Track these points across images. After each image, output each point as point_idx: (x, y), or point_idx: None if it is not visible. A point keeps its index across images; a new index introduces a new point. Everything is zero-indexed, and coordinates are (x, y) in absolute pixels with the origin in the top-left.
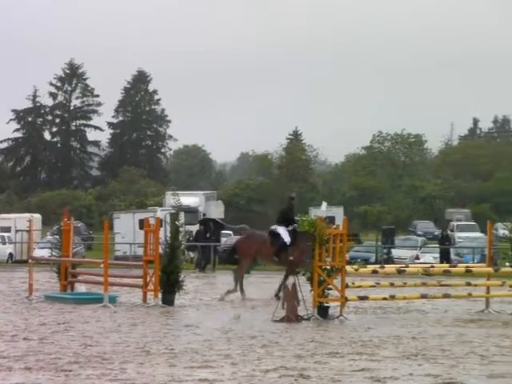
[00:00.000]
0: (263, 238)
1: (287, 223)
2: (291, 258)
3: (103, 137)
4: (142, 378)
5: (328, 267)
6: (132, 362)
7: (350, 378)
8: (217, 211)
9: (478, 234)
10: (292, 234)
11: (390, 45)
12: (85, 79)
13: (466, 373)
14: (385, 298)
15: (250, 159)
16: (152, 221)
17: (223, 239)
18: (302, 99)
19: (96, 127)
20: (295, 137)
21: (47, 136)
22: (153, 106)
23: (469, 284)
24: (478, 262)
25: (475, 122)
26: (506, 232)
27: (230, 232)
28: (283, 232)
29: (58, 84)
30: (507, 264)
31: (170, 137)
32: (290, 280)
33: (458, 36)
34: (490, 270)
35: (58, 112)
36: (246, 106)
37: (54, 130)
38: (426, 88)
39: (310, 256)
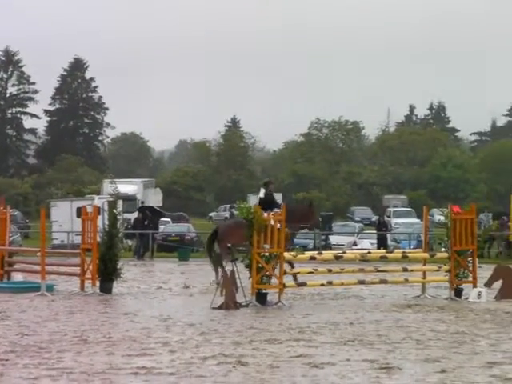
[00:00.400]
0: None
1: (270, 208)
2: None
3: (40, 124)
4: (79, 366)
5: (266, 254)
6: (69, 351)
7: (288, 364)
8: (155, 199)
9: (415, 220)
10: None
11: (326, 32)
12: (21, 66)
13: (402, 357)
14: (322, 284)
15: (188, 147)
16: (90, 209)
17: (161, 227)
18: (239, 87)
19: (32, 115)
20: (233, 124)
21: None
22: (90, 94)
23: (405, 270)
24: (414, 248)
25: (411, 108)
26: (442, 218)
27: (169, 220)
28: None
29: None
30: (443, 249)
31: (108, 124)
32: (229, 267)
33: (392, 24)
34: (426, 255)
35: None
36: (184, 94)
37: None
38: (362, 75)
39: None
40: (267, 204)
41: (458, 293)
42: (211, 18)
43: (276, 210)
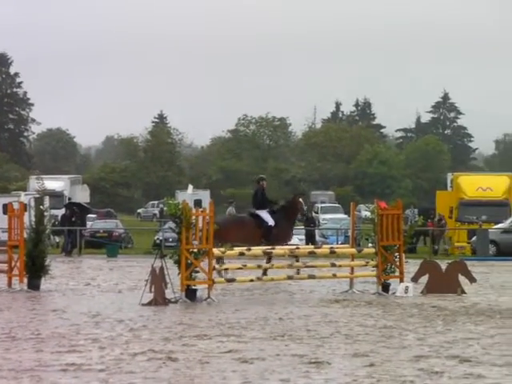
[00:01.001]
0: (247, 221)
1: (264, 206)
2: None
3: None
4: (8, 363)
5: (195, 250)
6: None
7: (218, 359)
8: (82, 195)
9: (342, 216)
10: (273, 215)
11: (251, 29)
12: None
13: (331, 352)
14: (252, 280)
15: (115, 143)
16: (16, 205)
17: (89, 223)
18: (168, 84)
19: None
20: (160, 120)
21: None
22: (14, 89)
23: (333, 265)
24: (341, 243)
25: (337, 105)
26: (368, 214)
27: (95, 216)
28: (265, 215)
29: None
30: (370, 245)
31: (33, 120)
32: (158, 263)
33: (317, 21)
34: (354, 250)
35: None
36: (111, 90)
37: None
38: (287, 72)
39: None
40: (261, 202)
41: (386, 288)
42: (126, 10)
43: (266, 210)
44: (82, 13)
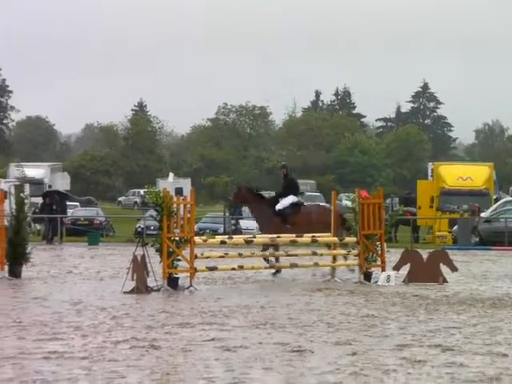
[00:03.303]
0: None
1: (292, 193)
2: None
3: None
4: None
5: (177, 238)
6: None
7: (201, 347)
8: (63, 183)
9: (323, 205)
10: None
11: (225, 18)
12: None
13: (314, 340)
14: (234, 269)
15: (95, 131)
16: None
17: (70, 211)
18: (147, 70)
19: None
20: (140, 108)
21: None
22: None
23: (315, 253)
24: None
25: (317, 94)
26: (349, 203)
27: (77, 204)
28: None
29: None
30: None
31: (12, 108)
32: (140, 251)
33: (293, 9)
34: (335, 239)
35: None
36: (90, 77)
37: None
38: (268, 59)
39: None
40: (288, 188)
41: (368, 276)
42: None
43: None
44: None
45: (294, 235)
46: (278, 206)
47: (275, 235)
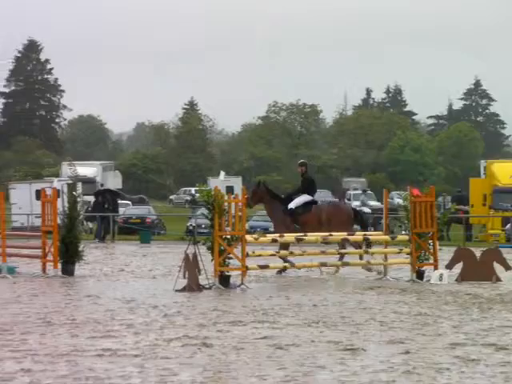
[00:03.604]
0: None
1: (309, 192)
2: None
3: None
4: (43, 348)
5: (228, 236)
6: (33, 333)
7: (253, 345)
8: (114, 181)
9: (375, 203)
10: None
11: (281, 17)
12: None
13: (367, 339)
14: (285, 267)
15: (147, 129)
16: (49, 191)
17: (121, 209)
18: (197, 69)
19: None
20: (191, 107)
21: None
22: (45, 76)
23: (366, 252)
24: (374, 230)
25: (368, 91)
26: (401, 201)
27: (129, 202)
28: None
29: None
30: (403, 232)
31: (65, 107)
32: (191, 250)
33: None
34: (387, 237)
35: None
36: (142, 76)
37: None
38: (319, 58)
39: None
40: (305, 187)
41: (420, 275)
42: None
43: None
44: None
45: (345, 233)
46: (291, 205)
47: (327, 233)
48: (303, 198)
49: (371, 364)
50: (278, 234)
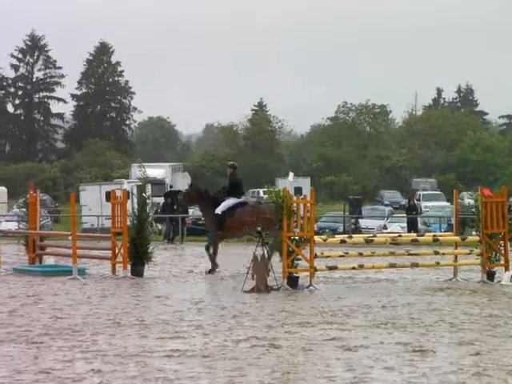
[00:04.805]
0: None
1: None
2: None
3: (67, 109)
4: (113, 349)
5: (296, 237)
6: (103, 334)
7: (321, 347)
8: (183, 183)
9: (444, 203)
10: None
11: (351, 16)
12: (47, 51)
13: (436, 340)
14: (354, 268)
15: (216, 131)
16: (119, 193)
17: (190, 211)
18: (265, 71)
19: (59, 99)
20: (260, 108)
21: (10, 108)
22: (116, 78)
23: (437, 253)
24: (445, 231)
25: (439, 91)
26: (471, 201)
27: None
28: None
29: (20, 56)
30: (474, 233)
31: (135, 109)
32: (259, 251)
33: (420, 4)
34: (458, 238)
35: (20, 84)
36: (210, 78)
37: (17, 102)
38: (389, 58)
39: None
40: (231, 189)
41: (491, 276)
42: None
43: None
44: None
45: (415, 234)
46: (217, 211)
47: (396, 234)
48: (229, 202)
49: (441, 366)
50: (346, 236)
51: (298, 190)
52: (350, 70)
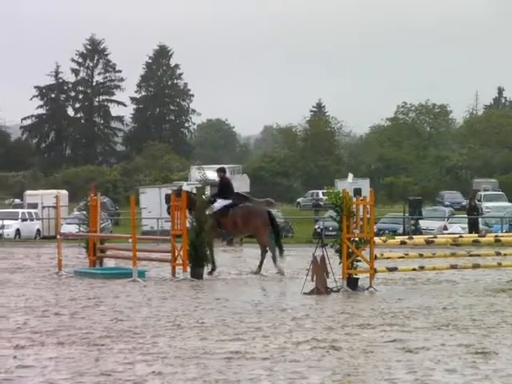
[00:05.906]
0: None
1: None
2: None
3: (126, 112)
4: (173, 351)
5: (356, 239)
6: (163, 336)
7: (382, 348)
8: (242, 185)
9: (506, 204)
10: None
11: (404, 16)
12: (106, 55)
13: (499, 342)
14: (414, 269)
15: (274, 132)
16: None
17: None
18: (323, 72)
19: (119, 102)
20: (319, 109)
21: (70, 112)
22: (175, 81)
23: (498, 254)
24: (506, 232)
25: (500, 90)
26: None
27: None
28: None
29: (80, 60)
30: None
31: (194, 111)
32: (319, 252)
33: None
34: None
35: (80, 88)
36: (269, 80)
37: (77, 105)
38: (449, 58)
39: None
40: (221, 190)
41: None
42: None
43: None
44: (238, 3)
45: (476, 235)
46: (214, 209)
47: (457, 235)
48: (221, 203)
49: (504, 368)
50: (406, 237)
51: (358, 192)
52: (410, 70)
